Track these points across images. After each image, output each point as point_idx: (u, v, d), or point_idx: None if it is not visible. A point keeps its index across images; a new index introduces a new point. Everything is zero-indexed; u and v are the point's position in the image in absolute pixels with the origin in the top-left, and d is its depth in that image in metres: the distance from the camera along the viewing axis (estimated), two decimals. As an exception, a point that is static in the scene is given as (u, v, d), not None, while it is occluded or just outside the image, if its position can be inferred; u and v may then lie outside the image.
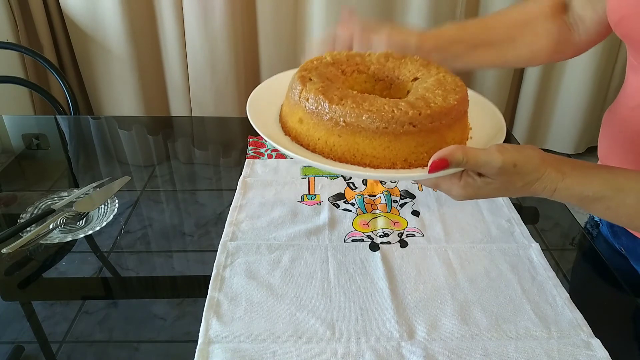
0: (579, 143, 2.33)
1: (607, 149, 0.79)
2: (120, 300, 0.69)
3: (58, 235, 0.77)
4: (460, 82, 0.60)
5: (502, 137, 0.60)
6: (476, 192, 0.53)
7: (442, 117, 0.55)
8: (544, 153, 0.53)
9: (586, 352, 0.59)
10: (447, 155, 0.50)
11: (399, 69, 0.65)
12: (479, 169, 0.51)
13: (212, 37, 1.93)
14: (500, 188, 0.53)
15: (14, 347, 0.61)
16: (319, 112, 0.55)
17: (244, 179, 0.91)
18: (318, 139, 0.56)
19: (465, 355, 0.59)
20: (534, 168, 0.51)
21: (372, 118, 0.53)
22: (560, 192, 0.52)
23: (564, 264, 0.75)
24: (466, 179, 0.53)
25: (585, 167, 0.54)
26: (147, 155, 1.07)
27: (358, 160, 0.55)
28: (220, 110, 2.11)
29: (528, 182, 0.52)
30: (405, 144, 0.54)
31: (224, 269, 0.70)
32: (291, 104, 0.60)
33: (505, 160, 0.50)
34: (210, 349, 0.59)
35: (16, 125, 1.21)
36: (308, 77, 0.59)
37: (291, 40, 2.01)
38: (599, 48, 2.06)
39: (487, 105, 0.68)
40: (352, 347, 0.59)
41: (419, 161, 0.55)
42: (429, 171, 0.51)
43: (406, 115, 0.53)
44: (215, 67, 2.00)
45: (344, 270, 0.71)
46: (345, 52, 0.66)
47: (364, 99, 0.55)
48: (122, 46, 1.97)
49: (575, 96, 2.21)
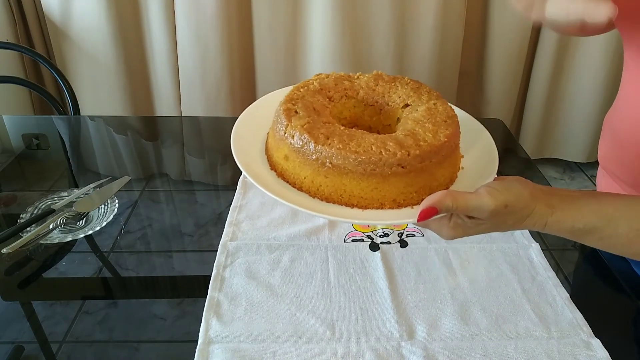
0: (590, 152, 2.21)
1: (605, 150, 0.79)
2: (120, 300, 0.69)
3: (58, 235, 0.77)
4: (452, 112, 0.59)
5: (495, 167, 0.58)
6: (466, 231, 0.53)
7: (431, 156, 0.53)
8: (532, 187, 0.52)
9: (586, 352, 0.59)
10: (436, 203, 0.49)
11: (389, 94, 0.63)
12: (470, 214, 0.51)
13: (204, 42, 1.87)
14: (490, 227, 0.52)
15: (14, 347, 0.61)
16: (305, 151, 0.54)
17: (244, 179, 0.90)
18: (304, 177, 0.55)
19: (465, 355, 0.59)
20: (524, 205, 0.51)
21: (359, 160, 0.51)
22: (551, 226, 0.52)
23: (564, 264, 0.75)
24: (456, 220, 0.52)
25: (573, 198, 0.53)
26: (147, 155, 1.07)
27: (345, 200, 0.54)
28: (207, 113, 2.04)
29: (519, 219, 0.51)
30: (394, 185, 0.53)
31: (224, 269, 0.70)
32: (277, 139, 0.58)
33: (497, 204, 0.49)
34: (210, 349, 0.59)
35: (16, 125, 1.21)
36: (293, 111, 0.57)
37: (288, 48, 1.92)
38: (610, 53, 1.97)
39: (478, 129, 0.65)
40: (352, 347, 0.59)
41: (408, 200, 0.54)
42: (418, 220, 0.50)
43: (394, 156, 0.52)
44: (206, 74, 1.93)
45: (344, 270, 0.71)
46: (334, 75, 0.65)
47: (351, 138, 0.54)
48: (107, 51, 1.87)
49: (586, 103, 2.10)
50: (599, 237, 0.52)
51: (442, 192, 0.50)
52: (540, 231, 0.53)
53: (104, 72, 1.95)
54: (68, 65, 1.96)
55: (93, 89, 1.99)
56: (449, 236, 0.54)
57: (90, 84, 1.98)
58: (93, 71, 1.95)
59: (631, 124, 0.69)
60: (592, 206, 0.52)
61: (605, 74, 2.03)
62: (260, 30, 1.89)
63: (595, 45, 1.98)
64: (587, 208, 0.52)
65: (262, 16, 1.87)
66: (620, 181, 0.75)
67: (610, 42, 1.96)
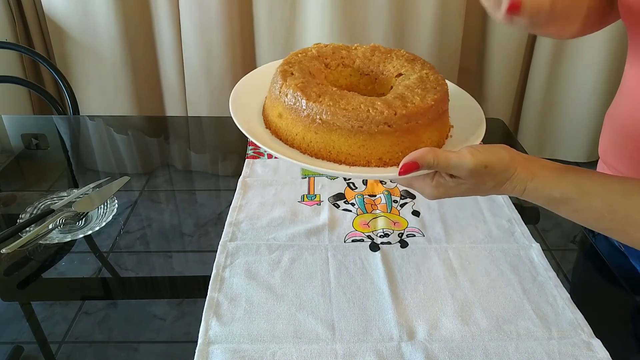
0: (591, 151, 2.20)
1: (606, 144, 0.79)
2: (119, 301, 0.69)
3: (57, 235, 0.77)
4: (442, 81, 0.61)
5: (481, 135, 0.60)
6: (447, 191, 0.55)
7: (418, 117, 0.55)
8: (514, 152, 0.54)
9: (587, 353, 0.59)
10: (418, 158, 0.51)
11: (384, 63, 0.65)
12: (450, 171, 0.52)
13: (208, 40, 1.90)
14: (471, 188, 0.54)
15: (13, 347, 0.60)
16: (297, 108, 0.56)
17: (244, 179, 0.90)
18: (296, 134, 0.57)
19: (465, 355, 0.59)
20: (504, 168, 0.52)
21: (348, 117, 0.54)
22: (529, 192, 0.53)
23: (565, 264, 0.75)
24: (438, 179, 0.54)
25: (554, 169, 0.54)
26: (147, 155, 1.06)
27: (334, 157, 0.56)
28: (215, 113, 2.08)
29: (499, 182, 0.53)
30: (380, 143, 0.55)
31: (224, 270, 0.70)
32: (272, 98, 0.60)
33: (477, 162, 0.51)
34: (210, 349, 0.59)
35: (15, 125, 1.21)
36: (290, 72, 0.60)
37: (287, 44, 1.99)
38: (610, 50, 1.96)
39: (469, 101, 0.68)
40: (352, 348, 0.59)
41: (394, 160, 0.56)
42: (400, 173, 0.52)
43: (381, 115, 0.54)
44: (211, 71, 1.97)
45: (344, 270, 0.71)
46: (332, 45, 0.67)
47: (341, 97, 0.56)
48: (115, 49, 1.90)
49: (586, 101, 2.10)
50: (573, 208, 0.54)
51: (424, 148, 0.52)
52: (518, 197, 0.54)
53: (109, 71, 1.97)
54: (70, 64, 1.97)
55: (98, 88, 2.01)
56: (431, 195, 0.56)
57: (95, 83, 2.00)
58: (98, 70, 1.97)
59: (632, 118, 0.70)
60: (570, 178, 0.54)
61: (604, 72, 2.03)
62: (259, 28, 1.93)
63: (594, 44, 1.98)
64: (566, 179, 0.54)
65: (261, 15, 1.91)
66: (618, 174, 0.76)
67: (610, 40, 1.96)
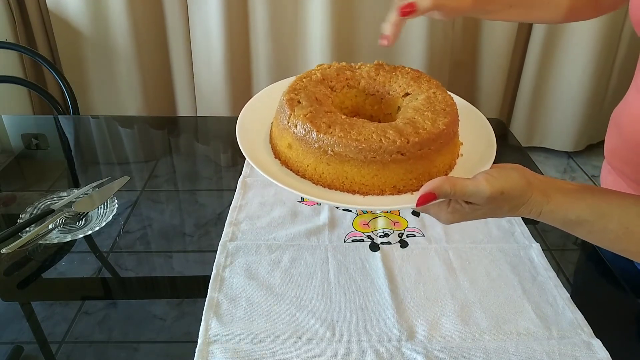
0: (578, 141, 2.30)
1: (614, 148, 0.78)
2: (119, 301, 0.69)
3: (57, 235, 0.77)
4: (450, 100, 0.60)
5: (493, 154, 0.60)
6: (464, 217, 0.54)
7: (430, 144, 0.54)
8: (530, 175, 0.53)
9: (587, 353, 0.59)
10: (435, 189, 0.50)
11: (390, 83, 0.64)
12: (467, 199, 0.52)
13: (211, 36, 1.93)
14: (487, 213, 0.54)
15: (13, 347, 0.60)
16: (307, 139, 0.55)
17: (244, 179, 0.90)
18: (307, 165, 0.56)
19: (465, 355, 0.59)
20: (521, 193, 0.52)
21: (360, 148, 0.53)
22: (545, 215, 0.53)
23: (565, 264, 0.75)
24: (454, 206, 0.54)
25: (571, 190, 0.54)
26: (147, 155, 1.06)
27: (347, 187, 0.56)
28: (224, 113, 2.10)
29: (515, 206, 0.53)
30: (394, 171, 0.54)
31: (224, 270, 0.70)
32: (280, 128, 0.59)
33: (493, 190, 0.50)
34: (210, 349, 0.59)
35: (15, 125, 1.21)
36: (296, 100, 0.59)
37: (290, 41, 2.01)
38: (598, 44, 2.04)
39: (477, 117, 0.67)
40: (352, 348, 0.59)
41: (408, 187, 0.55)
42: (417, 205, 0.51)
43: (394, 144, 0.53)
44: (214, 67, 2.00)
45: (344, 270, 0.71)
46: (336, 65, 0.66)
47: (352, 126, 0.55)
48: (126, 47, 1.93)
49: (575, 93, 2.18)
50: (589, 230, 0.54)
51: (440, 178, 0.51)
52: (534, 219, 0.54)
53: (120, 70, 1.99)
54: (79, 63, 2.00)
55: (108, 87, 2.03)
56: (447, 220, 0.55)
57: (106, 82, 2.02)
58: (109, 69, 2.00)
59: None
60: (586, 200, 0.53)
61: (594, 63, 2.11)
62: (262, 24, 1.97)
63: (584, 37, 2.06)
64: (582, 201, 0.53)
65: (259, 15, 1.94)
66: (625, 177, 0.75)
67: (599, 33, 2.03)
